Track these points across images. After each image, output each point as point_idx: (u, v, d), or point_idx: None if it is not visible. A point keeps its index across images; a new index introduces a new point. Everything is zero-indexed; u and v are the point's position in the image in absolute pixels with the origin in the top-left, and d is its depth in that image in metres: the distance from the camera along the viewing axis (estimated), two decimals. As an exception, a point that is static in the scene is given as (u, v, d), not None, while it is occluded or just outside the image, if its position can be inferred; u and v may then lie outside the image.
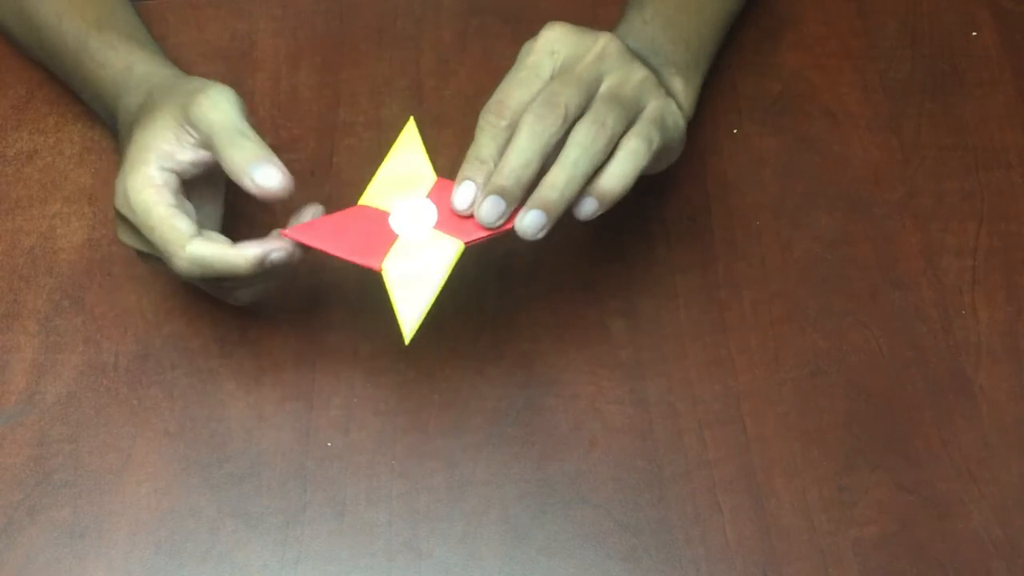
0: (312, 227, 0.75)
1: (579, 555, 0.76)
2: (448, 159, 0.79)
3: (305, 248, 0.74)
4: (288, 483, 0.78)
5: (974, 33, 0.98)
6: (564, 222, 0.74)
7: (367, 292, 0.84)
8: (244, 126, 0.75)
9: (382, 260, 0.73)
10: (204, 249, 0.73)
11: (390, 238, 0.74)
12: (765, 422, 0.81)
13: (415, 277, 0.73)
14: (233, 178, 0.74)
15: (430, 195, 0.75)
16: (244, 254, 0.73)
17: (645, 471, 0.79)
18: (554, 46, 0.77)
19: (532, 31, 0.96)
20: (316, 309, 0.84)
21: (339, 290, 0.84)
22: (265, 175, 0.73)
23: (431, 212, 0.75)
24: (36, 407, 0.80)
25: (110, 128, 0.87)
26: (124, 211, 0.75)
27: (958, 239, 0.89)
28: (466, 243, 0.73)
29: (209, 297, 0.84)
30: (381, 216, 0.75)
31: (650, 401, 0.82)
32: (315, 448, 0.79)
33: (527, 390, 0.82)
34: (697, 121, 0.93)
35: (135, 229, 0.76)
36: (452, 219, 0.74)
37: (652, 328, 0.84)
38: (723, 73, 0.95)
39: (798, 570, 0.76)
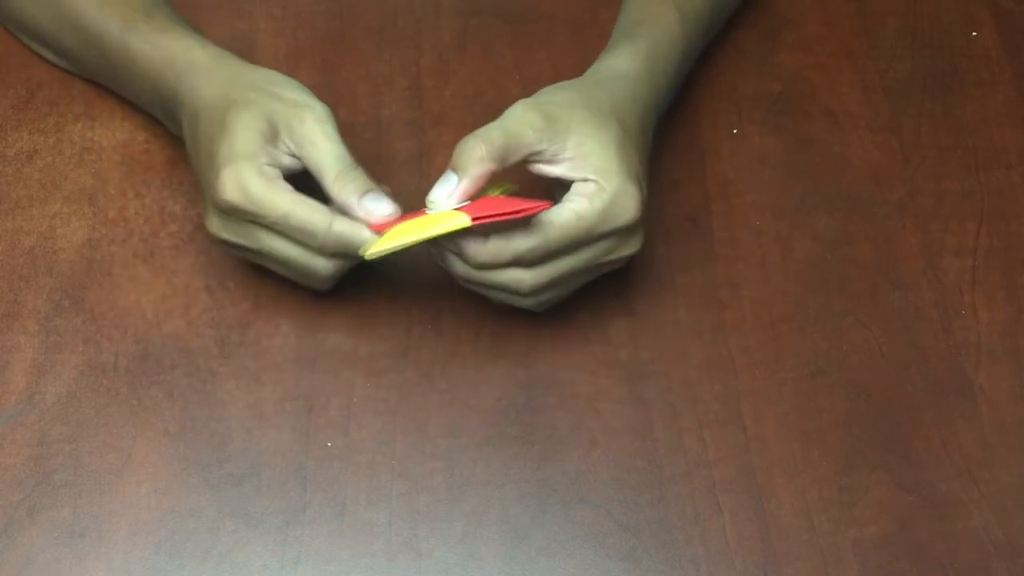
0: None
1: (579, 555, 0.76)
2: (447, 159, 0.79)
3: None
4: (288, 483, 0.78)
5: (974, 33, 0.98)
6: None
7: (367, 293, 0.84)
8: (348, 156, 0.78)
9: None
10: (346, 227, 0.77)
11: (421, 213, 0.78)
12: (765, 422, 0.81)
13: (411, 225, 0.76)
14: (340, 204, 0.77)
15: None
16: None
17: (645, 471, 0.79)
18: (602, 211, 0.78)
19: (532, 31, 0.97)
20: (316, 309, 0.84)
21: (339, 290, 0.84)
22: (377, 206, 0.77)
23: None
24: (36, 407, 0.80)
25: (158, 109, 0.86)
26: (240, 203, 0.77)
27: (958, 239, 0.89)
28: (473, 219, 0.74)
29: (209, 297, 0.84)
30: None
31: (650, 401, 0.81)
32: (315, 448, 0.79)
33: (527, 390, 0.82)
34: (697, 121, 0.93)
35: (239, 221, 0.78)
36: (475, 207, 0.76)
37: (652, 328, 0.84)
38: (723, 73, 0.95)
39: (798, 570, 0.76)
